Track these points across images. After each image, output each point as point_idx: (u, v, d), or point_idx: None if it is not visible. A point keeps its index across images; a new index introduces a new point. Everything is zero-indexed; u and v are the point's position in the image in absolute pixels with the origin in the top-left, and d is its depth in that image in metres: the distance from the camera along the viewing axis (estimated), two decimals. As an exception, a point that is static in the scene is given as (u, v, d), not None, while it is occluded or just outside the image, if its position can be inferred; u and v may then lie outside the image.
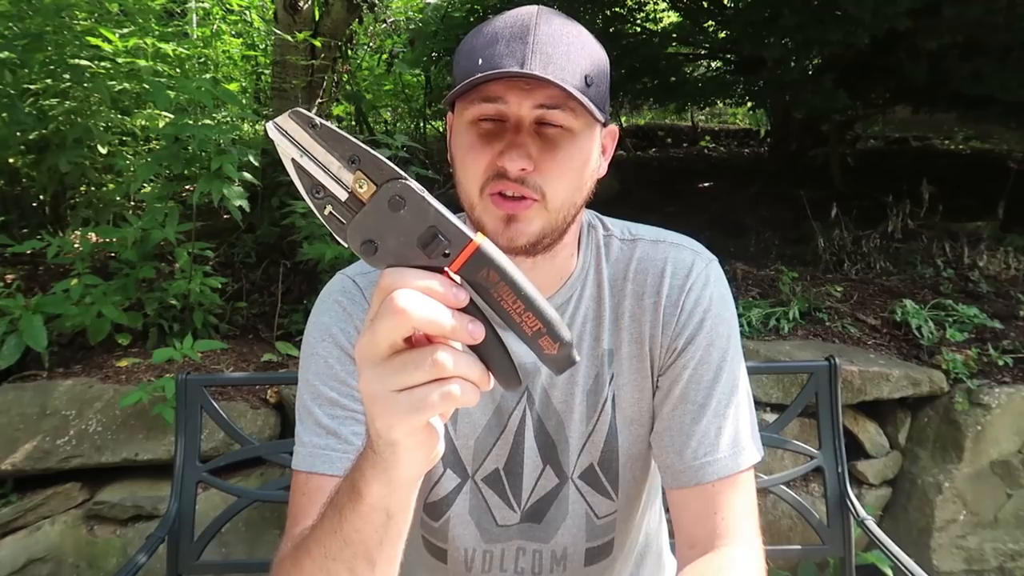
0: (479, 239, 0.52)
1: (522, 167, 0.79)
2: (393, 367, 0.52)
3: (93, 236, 2.86)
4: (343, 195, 0.52)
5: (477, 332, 0.52)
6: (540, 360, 0.54)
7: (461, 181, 0.85)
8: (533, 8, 0.83)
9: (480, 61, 0.79)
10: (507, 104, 0.80)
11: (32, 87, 2.97)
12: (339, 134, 0.52)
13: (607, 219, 1.01)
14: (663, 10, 6.10)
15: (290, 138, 0.52)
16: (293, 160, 0.52)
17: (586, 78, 0.80)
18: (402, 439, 0.56)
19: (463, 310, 0.52)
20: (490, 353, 0.54)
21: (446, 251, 0.52)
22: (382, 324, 0.51)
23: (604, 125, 0.89)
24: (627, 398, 0.96)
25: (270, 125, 0.53)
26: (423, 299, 0.50)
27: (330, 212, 0.53)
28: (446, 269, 0.52)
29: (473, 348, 0.53)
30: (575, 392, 0.95)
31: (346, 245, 0.53)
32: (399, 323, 0.50)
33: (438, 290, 0.51)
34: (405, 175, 0.52)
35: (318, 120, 0.52)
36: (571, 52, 0.80)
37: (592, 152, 0.86)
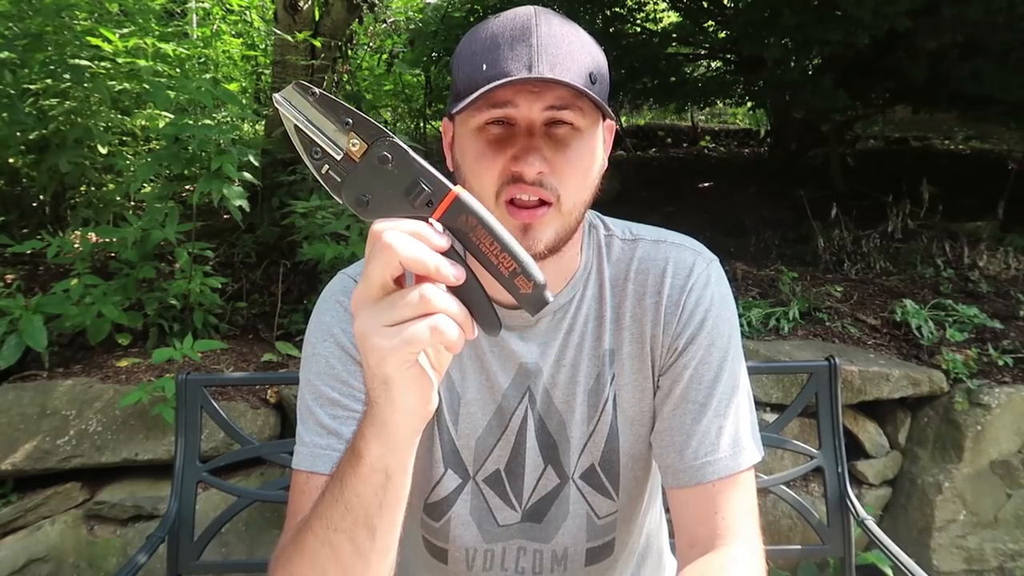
0: (457, 189, 0.58)
1: (539, 170, 0.79)
2: (384, 304, 0.57)
3: (93, 236, 2.86)
4: (338, 155, 0.58)
5: (459, 274, 0.57)
6: (517, 300, 0.59)
7: (473, 189, 0.83)
8: (530, 8, 0.82)
9: (485, 67, 0.78)
10: (517, 108, 0.80)
11: (32, 87, 2.98)
12: (335, 101, 0.58)
13: (608, 219, 1.01)
14: (663, 10, 6.10)
15: (292, 107, 0.58)
16: (295, 126, 0.58)
17: (591, 75, 0.81)
18: (394, 374, 0.60)
19: (445, 256, 0.57)
20: (471, 297, 0.59)
21: (429, 200, 0.58)
22: (372, 264, 0.56)
23: (611, 117, 0.89)
24: (628, 398, 0.96)
25: (277, 96, 0.59)
26: (408, 238, 0.56)
27: (327, 171, 0.59)
28: (429, 219, 0.58)
29: (455, 294, 0.58)
30: (576, 392, 0.95)
31: (341, 201, 0.59)
32: (387, 259, 0.55)
33: (421, 232, 0.57)
34: (391, 133, 0.58)
35: (317, 89, 0.58)
36: (573, 51, 0.80)
37: (599, 147, 0.87)
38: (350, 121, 0.58)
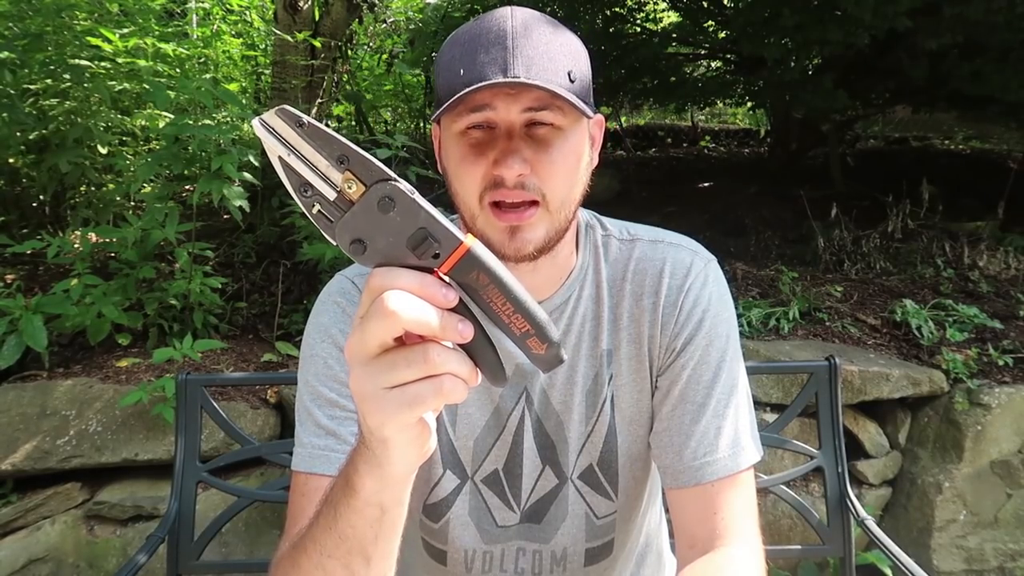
0: (469, 241, 0.52)
1: (519, 172, 0.79)
2: (383, 365, 0.52)
3: (93, 236, 2.86)
4: (331, 194, 0.52)
5: (467, 332, 0.52)
6: (529, 359, 0.55)
7: (458, 193, 0.84)
8: (507, 10, 0.82)
9: (462, 72, 0.79)
10: (495, 111, 0.80)
11: (32, 87, 2.98)
12: (327, 133, 0.51)
13: (605, 219, 1.01)
14: (663, 10, 6.11)
15: (277, 135, 0.52)
16: (280, 158, 0.52)
17: (569, 74, 0.80)
18: (393, 435, 0.56)
19: (452, 310, 0.52)
20: (478, 350, 0.54)
21: (436, 252, 0.52)
22: (372, 325, 0.51)
23: (589, 116, 0.89)
24: (626, 398, 0.96)
25: (256, 122, 0.52)
26: (413, 300, 0.50)
27: (318, 211, 0.52)
28: (435, 270, 0.52)
29: (461, 345, 0.54)
30: (574, 392, 0.95)
31: (335, 243, 0.53)
32: (389, 324, 0.50)
33: (427, 292, 0.51)
34: (394, 176, 0.52)
35: (305, 119, 0.51)
36: (551, 50, 0.80)
37: (583, 145, 0.86)
38: (347, 158, 0.51)
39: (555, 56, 0.80)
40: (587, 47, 0.89)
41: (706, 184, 5.71)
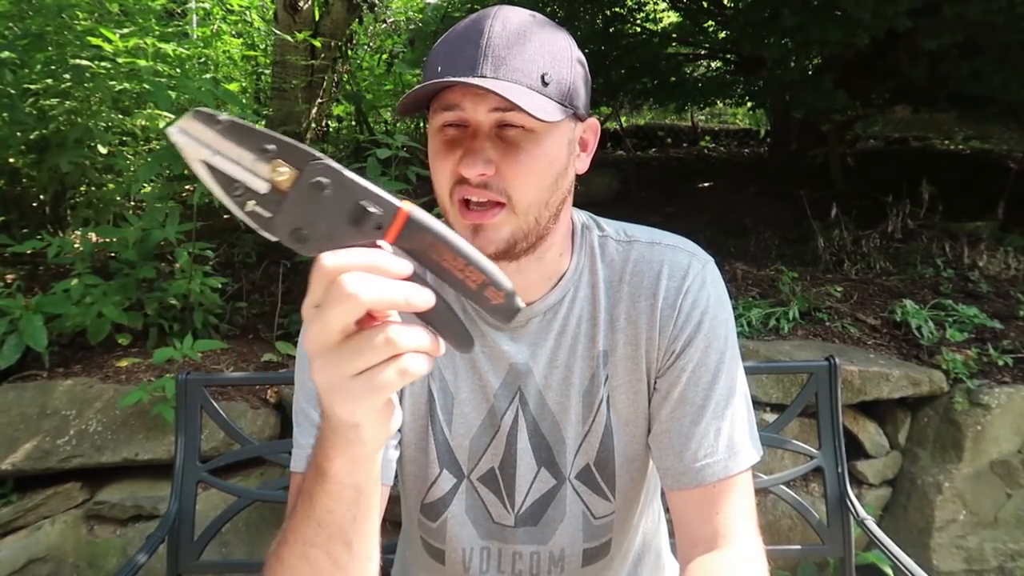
0: (407, 206, 0.51)
1: (480, 172, 0.79)
2: (347, 352, 0.51)
3: (93, 236, 2.87)
4: (263, 187, 0.50)
5: (429, 298, 0.52)
6: (487, 312, 0.55)
7: (435, 187, 0.86)
8: (492, 9, 0.82)
9: (439, 68, 0.79)
10: (464, 111, 0.80)
11: (33, 87, 2.98)
12: (247, 127, 0.50)
13: (602, 220, 1.01)
14: (663, 10, 6.11)
15: (196, 140, 0.49)
16: (203, 162, 0.50)
17: (543, 76, 0.79)
18: (364, 419, 0.56)
19: (407, 280, 0.52)
20: (439, 318, 0.53)
21: (379, 224, 0.51)
22: (332, 311, 0.50)
23: (581, 119, 0.88)
24: (622, 399, 0.96)
25: (172, 130, 0.49)
26: (371, 279, 0.49)
27: (252, 208, 0.50)
28: (380, 243, 0.52)
29: (421, 316, 0.53)
30: (571, 393, 0.95)
31: (273, 239, 0.51)
32: (351, 307, 0.49)
33: (382, 266, 0.50)
34: (322, 155, 0.50)
35: (222, 116, 0.50)
36: (527, 51, 0.79)
37: (560, 149, 0.84)
38: (272, 148, 0.49)
39: (530, 56, 0.79)
40: (587, 47, 0.89)
41: (706, 184, 5.71)
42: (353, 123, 5.49)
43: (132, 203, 3.42)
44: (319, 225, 0.51)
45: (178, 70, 3.15)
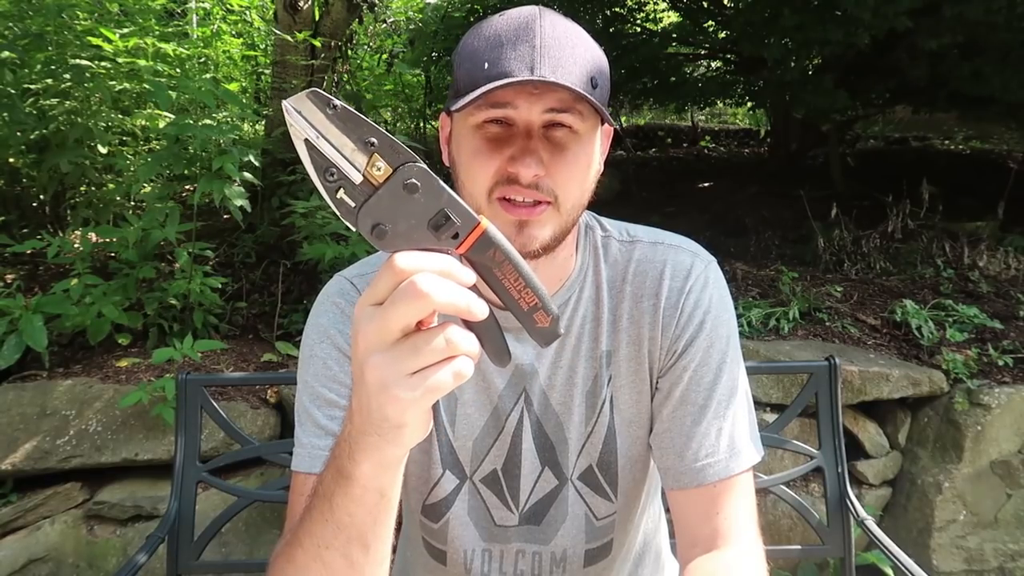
0: (485, 221, 0.54)
1: (536, 173, 0.79)
2: (406, 349, 0.52)
3: (93, 236, 2.86)
4: (357, 177, 0.52)
5: (485, 309, 0.53)
6: (530, 333, 0.57)
7: (465, 185, 0.84)
8: (534, 8, 0.82)
9: (486, 65, 0.78)
10: (516, 109, 0.79)
11: (33, 87, 2.98)
12: (357, 116, 0.51)
13: (604, 220, 1.01)
14: (663, 10, 6.11)
15: (305, 118, 0.51)
16: (306, 140, 0.52)
17: (592, 79, 0.80)
18: (412, 420, 0.56)
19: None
20: (486, 330, 0.55)
21: (455, 233, 0.53)
22: (399, 308, 0.51)
23: (610, 124, 0.89)
24: (625, 399, 0.96)
25: (286, 104, 0.52)
26: (444, 282, 0.51)
27: (341, 196, 0.52)
28: (451, 251, 0.54)
29: (467, 325, 0.55)
30: (574, 394, 0.95)
31: (354, 229, 0.53)
32: (421, 306, 0.51)
33: (455, 272, 0.52)
34: (419, 159, 0.52)
35: (337, 101, 0.51)
36: (576, 54, 0.79)
37: (595, 152, 0.86)
38: (374, 141, 0.51)
39: (580, 60, 0.79)
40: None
41: (706, 184, 5.71)
42: (353, 123, 5.47)
43: (132, 203, 3.42)
44: (400, 224, 0.53)
45: (178, 70, 3.15)
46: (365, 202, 0.52)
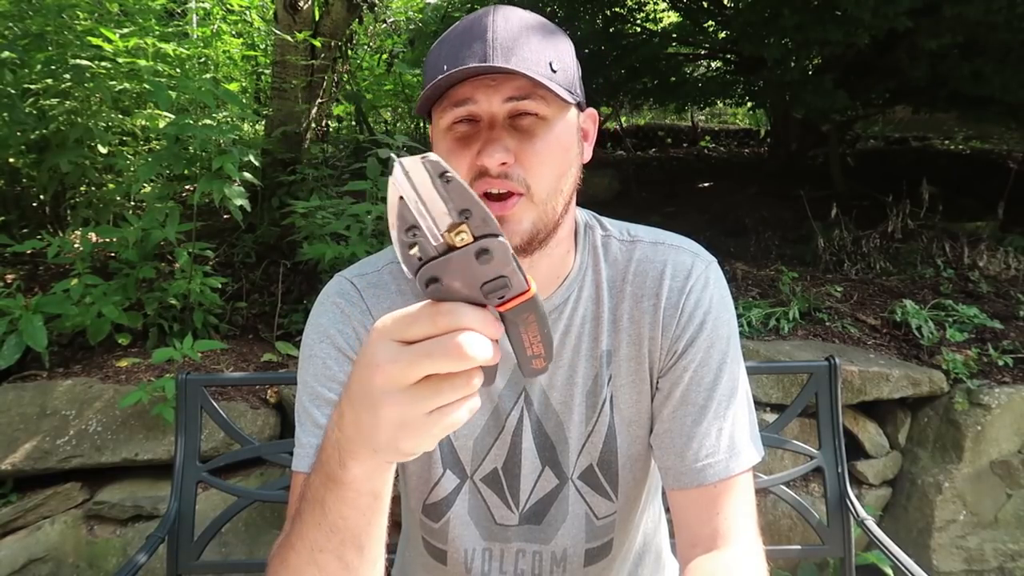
0: (534, 287, 0.54)
1: (502, 161, 0.79)
2: (429, 391, 0.53)
3: (93, 236, 2.86)
4: (437, 240, 0.52)
5: (498, 356, 0.54)
6: (522, 369, 0.59)
7: None
8: (489, 8, 0.83)
9: (445, 67, 0.80)
10: (477, 104, 0.81)
11: (33, 87, 2.98)
12: (465, 191, 0.51)
13: (605, 219, 1.01)
14: (663, 10, 6.11)
15: (411, 181, 0.51)
16: (401, 198, 0.52)
17: (551, 64, 0.81)
18: (421, 450, 0.57)
19: None
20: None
21: (503, 295, 0.54)
22: (436, 361, 0.51)
23: (581, 109, 0.89)
24: (625, 399, 0.96)
25: (398, 163, 0.51)
26: (483, 341, 0.52)
27: (414, 251, 0.53)
28: (491, 307, 0.54)
29: None
30: (574, 393, 0.95)
31: (410, 277, 0.53)
32: (461, 366, 0.51)
33: (491, 332, 0.53)
34: (502, 233, 0.53)
35: (454, 174, 0.51)
36: (532, 42, 0.81)
37: (570, 136, 0.86)
38: (470, 212, 0.51)
39: (536, 46, 0.81)
40: (587, 47, 0.90)
41: (706, 184, 5.71)
42: (353, 123, 5.49)
43: (132, 203, 3.42)
44: (456, 281, 0.53)
45: (178, 70, 3.15)
46: (434, 259, 0.52)
